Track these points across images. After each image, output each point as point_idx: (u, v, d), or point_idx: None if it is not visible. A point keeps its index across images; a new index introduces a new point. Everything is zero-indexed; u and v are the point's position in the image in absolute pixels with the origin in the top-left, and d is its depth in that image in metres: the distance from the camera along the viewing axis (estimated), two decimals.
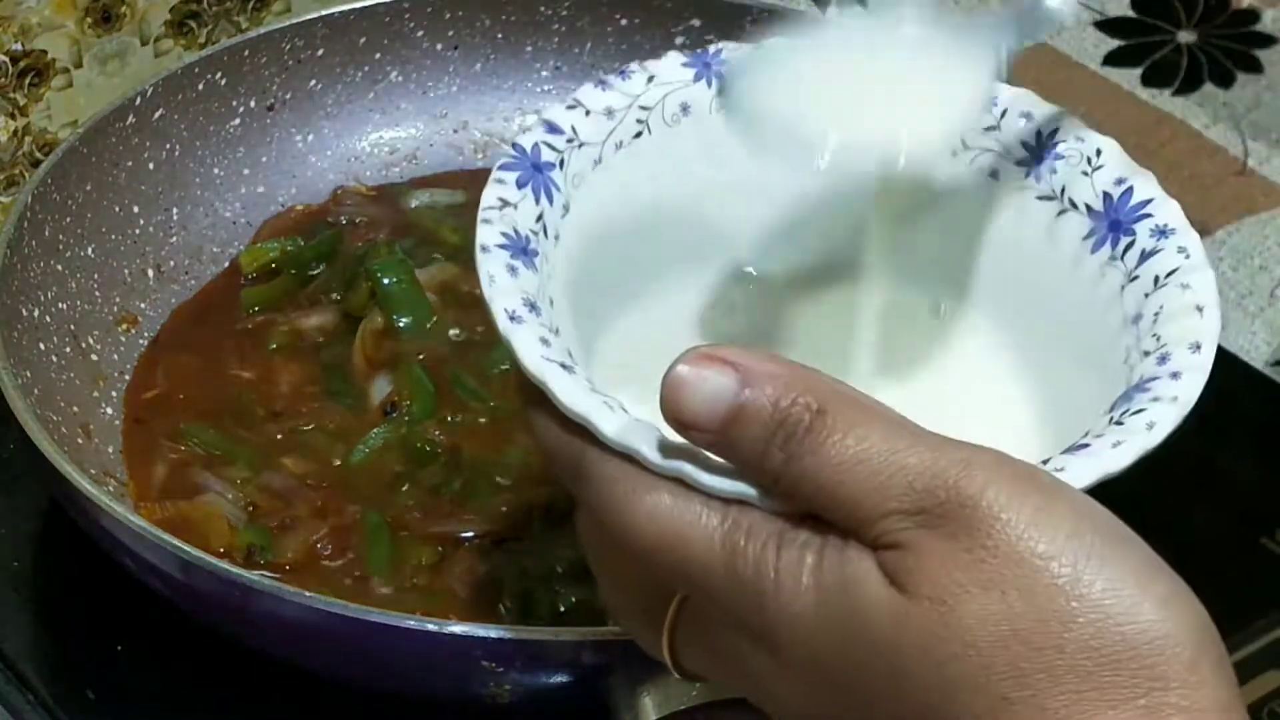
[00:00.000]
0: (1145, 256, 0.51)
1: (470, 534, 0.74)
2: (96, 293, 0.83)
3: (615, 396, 0.45)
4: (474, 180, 0.94)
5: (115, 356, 0.82)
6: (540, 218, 0.50)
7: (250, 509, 0.75)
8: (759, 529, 0.42)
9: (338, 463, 0.77)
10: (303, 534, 0.74)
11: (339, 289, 0.85)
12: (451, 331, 0.83)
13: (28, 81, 0.91)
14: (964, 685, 0.39)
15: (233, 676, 0.70)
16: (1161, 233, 0.51)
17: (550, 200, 0.51)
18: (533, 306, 0.47)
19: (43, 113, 0.92)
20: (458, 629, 0.61)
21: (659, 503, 0.43)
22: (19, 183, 0.92)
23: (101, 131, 0.84)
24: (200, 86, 0.89)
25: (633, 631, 0.48)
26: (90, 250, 0.83)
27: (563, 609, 0.70)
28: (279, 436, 0.78)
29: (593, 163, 0.53)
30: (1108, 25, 0.91)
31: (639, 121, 0.54)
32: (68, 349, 0.80)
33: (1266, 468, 0.82)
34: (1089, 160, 0.53)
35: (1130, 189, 0.52)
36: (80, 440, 0.77)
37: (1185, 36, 0.88)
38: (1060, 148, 0.53)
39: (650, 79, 0.54)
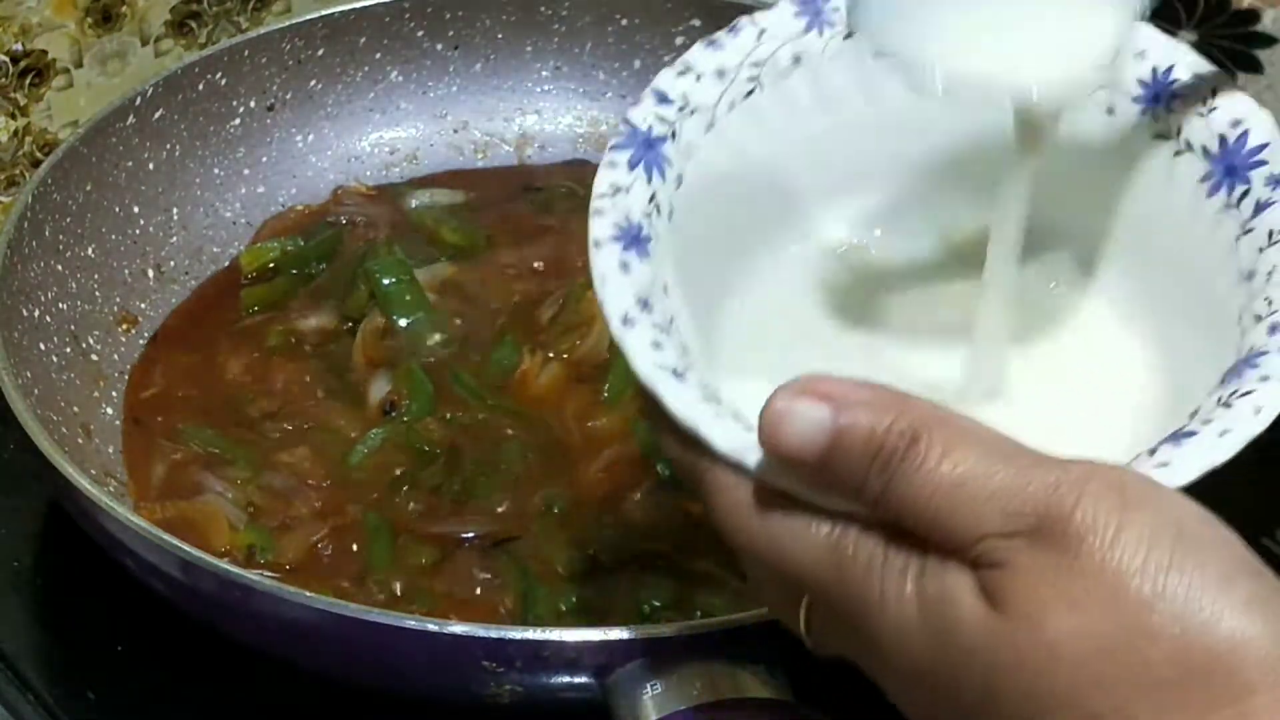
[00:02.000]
0: (1260, 208, 0.49)
1: (470, 534, 0.74)
2: (96, 293, 0.83)
3: (740, 372, 0.45)
4: (474, 180, 0.94)
5: (115, 356, 0.82)
6: (653, 198, 0.50)
7: (250, 509, 0.75)
8: (865, 541, 0.43)
9: (337, 463, 0.77)
10: (303, 534, 0.74)
11: (339, 289, 0.85)
12: (451, 330, 0.83)
13: (28, 81, 0.90)
14: (1053, 700, 0.40)
15: (233, 677, 0.70)
16: (1277, 182, 0.49)
17: (663, 176, 0.50)
18: (645, 304, 0.47)
19: (43, 113, 0.92)
20: (458, 629, 0.61)
21: (769, 513, 0.45)
22: (19, 183, 0.92)
23: (101, 131, 0.84)
24: (200, 86, 0.89)
25: (775, 613, 0.49)
26: (90, 250, 0.83)
27: (563, 609, 0.70)
28: (278, 436, 0.78)
29: (705, 127, 0.52)
30: None
31: (751, 79, 0.53)
32: (68, 349, 0.80)
33: (1266, 468, 0.81)
34: (1204, 100, 0.51)
35: (1246, 132, 0.50)
36: (80, 440, 0.77)
37: (1185, 36, 0.88)
38: (1177, 85, 0.51)
39: (761, 33, 0.53)
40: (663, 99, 0.51)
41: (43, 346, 0.78)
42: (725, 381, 0.49)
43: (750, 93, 0.53)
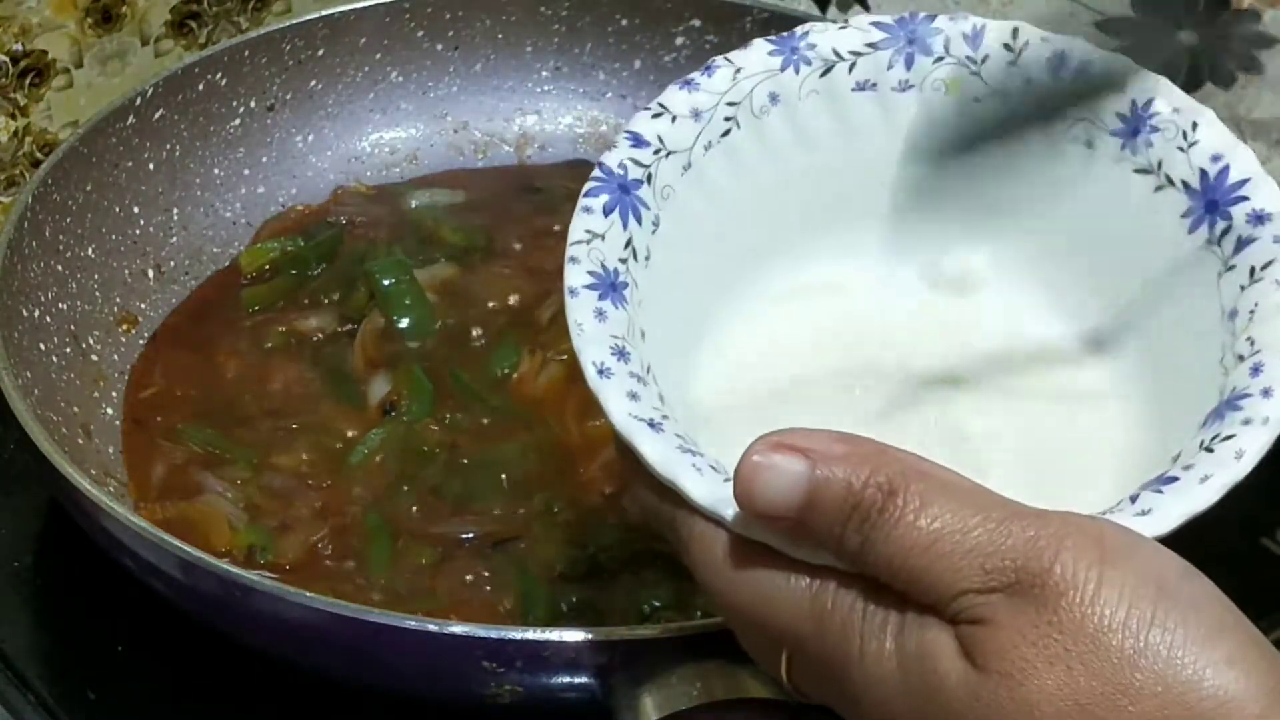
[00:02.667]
0: (1242, 244, 0.49)
1: (470, 534, 0.74)
2: (96, 293, 0.83)
3: (719, 418, 0.46)
4: (474, 180, 0.94)
5: (115, 356, 0.82)
6: (629, 243, 0.50)
7: (250, 509, 0.75)
8: (845, 594, 0.43)
9: (337, 463, 0.77)
10: (303, 534, 0.74)
11: (339, 289, 0.85)
12: (451, 331, 0.83)
13: (28, 82, 0.90)
14: None
15: (233, 677, 0.70)
16: (1258, 218, 0.49)
17: (639, 220, 0.50)
18: (621, 353, 0.47)
19: (43, 113, 0.92)
20: (458, 629, 0.61)
21: (747, 565, 0.44)
22: (19, 183, 0.92)
23: (101, 131, 0.84)
24: (200, 87, 0.89)
25: (758, 660, 0.49)
26: (90, 250, 0.83)
27: (563, 609, 0.70)
28: (278, 436, 0.78)
29: (681, 169, 0.52)
30: (1108, 25, 0.91)
31: (727, 119, 0.53)
32: (68, 349, 0.80)
33: (1266, 468, 0.82)
34: (1184, 134, 0.51)
35: (1227, 167, 0.50)
36: (80, 440, 0.77)
37: (1185, 37, 0.88)
38: (1156, 119, 0.51)
39: (736, 72, 0.53)
40: (638, 142, 0.51)
41: (43, 346, 0.78)
42: (703, 428, 0.49)
43: (727, 133, 0.53)
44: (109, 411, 0.80)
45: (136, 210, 0.86)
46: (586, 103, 0.97)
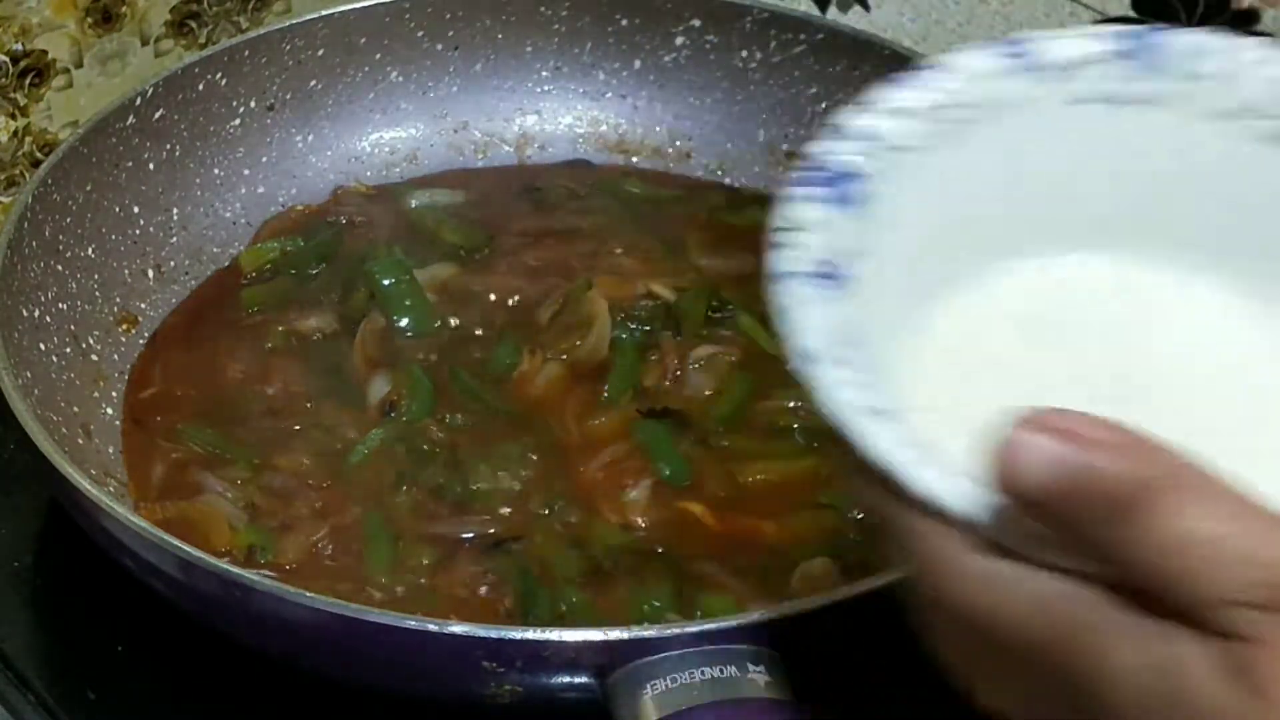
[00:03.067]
0: None
1: (470, 534, 0.74)
2: (96, 293, 0.83)
3: (935, 418, 0.43)
4: (474, 180, 0.94)
5: (115, 356, 0.82)
6: (839, 235, 0.48)
7: (250, 509, 0.75)
8: (1090, 597, 0.40)
9: (337, 463, 0.77)
10: (303, 534, 0.74)
11: (338, 289, 0.85)
12: (451, 331, 0.83)
13: (28, 81, 0.90)
14: None
15: (233, 677, 0.70)
16: None
17: (848, 213, 0.48)
18: (834, 342, 0.44)
19: (43, 113, 0.92)
20: (458, 629, 0.61)
21: (983, 564, 0.41)
22: (19, 183, 0.92)
23: (101, 131, 0.84)
24: (200, 86, 0.89)
25: (953, 668, 0.45)
26: (90, 250, 0.83)
27: (563, 609, 0.70)
28: (278, 436, 0.78)
29: (891, 167, 0.50)
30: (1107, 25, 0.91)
31: (942, 121, 0.51)
32: (68, 349, 0.80)
33: None
34: None
35: None
36: (80, 440, 0.77)
37: None
38: None
39: (952, 76, 0.51)
40: (848, 136, 0.50)
41: (43, 346, 0.78)
42: (919, 427, 0.45)
43: (940, 133, 0.51)
44: (109, 411, 0.80)
45: (136, 210, 0.86)
46: (586, 103, 0.97)
